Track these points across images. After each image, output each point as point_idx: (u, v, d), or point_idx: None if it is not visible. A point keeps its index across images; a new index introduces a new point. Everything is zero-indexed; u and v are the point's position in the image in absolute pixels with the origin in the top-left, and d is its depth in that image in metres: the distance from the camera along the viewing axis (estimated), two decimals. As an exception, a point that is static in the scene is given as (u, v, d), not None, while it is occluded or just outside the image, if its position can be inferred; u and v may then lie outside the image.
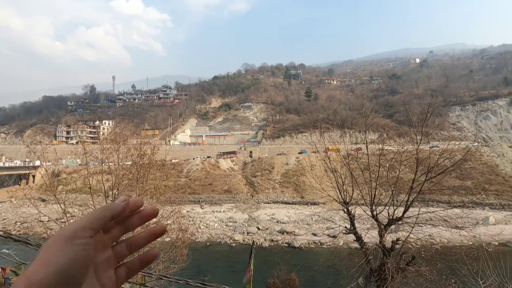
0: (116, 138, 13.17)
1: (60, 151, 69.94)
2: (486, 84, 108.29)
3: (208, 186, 60.71)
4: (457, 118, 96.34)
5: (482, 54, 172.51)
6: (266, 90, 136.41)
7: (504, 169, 56.61)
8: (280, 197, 57.80)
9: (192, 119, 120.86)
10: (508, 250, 32.23)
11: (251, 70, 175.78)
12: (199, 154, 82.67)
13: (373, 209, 10.68)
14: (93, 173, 14.10)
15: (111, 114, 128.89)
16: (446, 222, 10.84)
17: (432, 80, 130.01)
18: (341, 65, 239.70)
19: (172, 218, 13.63)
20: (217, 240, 40.10)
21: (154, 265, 11.43)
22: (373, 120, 79.03)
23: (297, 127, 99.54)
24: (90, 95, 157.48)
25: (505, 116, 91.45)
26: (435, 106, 73.16)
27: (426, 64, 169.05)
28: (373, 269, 10.06)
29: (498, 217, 44.51)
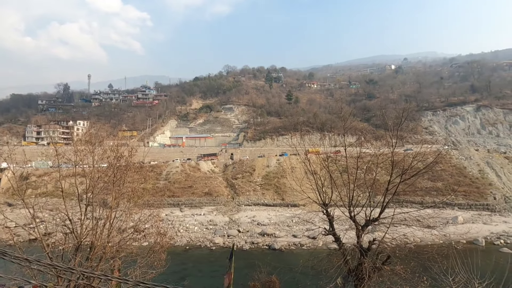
0: (91, 139, 12.64)
1: (29, 153, 66.45)
2: (455, 91, 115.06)
3: (188, 189, 59.72)
4: (429, 123, 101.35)
5: (451, 63, 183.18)
6: (247, 93, 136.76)
7: (471, 171, 60.09)
8: (261, 199, 57.93)
9: (172, 120, 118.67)
10: (475, 248, 34.13)
11: (233, 72, 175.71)
12: (179, 156, 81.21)
13: (351, 210, 10.96)
14: (66, 175, 13.44)
15: (86, 114, 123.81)
16: (419, 222, 11.32)
17: (406, 86, 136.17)
18: (321, 70, 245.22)
19: (150, 222, 13.25)
20: (197, 244, 39.47)
21: (131, 271, 11.06)
22: (351, 123, 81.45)
23: (278, 129, 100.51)
24: (64, 94, 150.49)
25: (472, 121, 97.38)
26: (409, 111, 76.68)
27: (401, 70, 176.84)
28: (351, 269, 10.31)
29: (466, 217, 47.10)
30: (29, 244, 11.82)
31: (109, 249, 10.83)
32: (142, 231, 12.69)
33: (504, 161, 63.97)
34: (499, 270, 9.97)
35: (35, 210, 10.43)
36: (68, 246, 10.57)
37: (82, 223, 10.96)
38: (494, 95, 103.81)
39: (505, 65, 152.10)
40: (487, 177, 57.94)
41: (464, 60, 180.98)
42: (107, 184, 12.10)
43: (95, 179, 11.77)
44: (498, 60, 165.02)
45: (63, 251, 10.25)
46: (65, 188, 12.06)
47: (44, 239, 10.01)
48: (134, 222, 12.67)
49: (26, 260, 3.95)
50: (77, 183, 11.68)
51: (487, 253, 32.61)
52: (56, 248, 10.40)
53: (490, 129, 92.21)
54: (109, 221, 11.30)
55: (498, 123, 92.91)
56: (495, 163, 62.60)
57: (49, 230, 12.07)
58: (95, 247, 10.34)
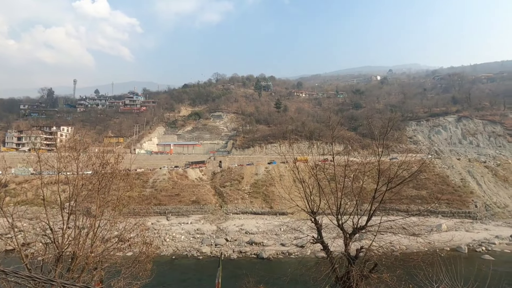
0: (75, 146, 12.31)
1: (9, 159, 64.00)
2: (437, 102, 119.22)
3: (175, 197, 58.75)
4: (413, 132, 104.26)
5: (433, 75, 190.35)
6: (236, 100, 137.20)
7: (453, 180, 61.89)
8: (249, 208, 57.57)
9: (160, 127, 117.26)
10: (458, 255, 34.95)
11: (222, 80, 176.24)
12: (167, 164, 80.00)
13: (339, 218, 11.03)
14: (48, 183, 13.00)
15: (70, 120, 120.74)
16: (405, 230, 11.50)
17: (391, 96, 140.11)
18: (310, 79, 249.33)
19: (135, 231, 12.90)
20: (184, 253, 38.66)
21: (115, 282, 10.69)
22: (339, 132, 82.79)
23: (267, 137, 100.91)
24: (47, 99, 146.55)
25: (454, 132, 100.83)
26: (394, 121, 78.71)
27: (386, 81, 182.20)
28: (338, 277, 10.31)
29: (449, 224, 48.26)
30: (6, 255, 11.27)
31: (92, 260, 10.45)
32: (127, 240, 12.34)
33: (484, 170, 66.29)
34: (482, 277, 10.22)
35: (14, 219, 10.00)
36: (49, 256, 10.14)
37: (64, 233, 10.56)
38: (474, 107, 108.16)
39: (483, 78, 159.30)
40: (468, 185, 59.79)
41: (445, 72, 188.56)
42: (91, 192, 11.76)
43: (78, 187, 11.42)
44: (477, 73, 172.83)
45: (42, 262, 9.82)
46: (47, 196, 11.63)
47: (22, 249, 9.57)
48: (119, 231, 12.31)
49: (3, 272, 3.77)
50: (60, 191, 11.30)
51: (470, 260, 33.43)
52: (36, 259, 9.97)
53: (470, 139, 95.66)
54: (93, 230, 10.94)
55: (478, 134, 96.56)
56: (476, 172, 64.78)
57: (28, 240, 11.58)
58: (77, 257, 9.96)
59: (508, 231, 45.48)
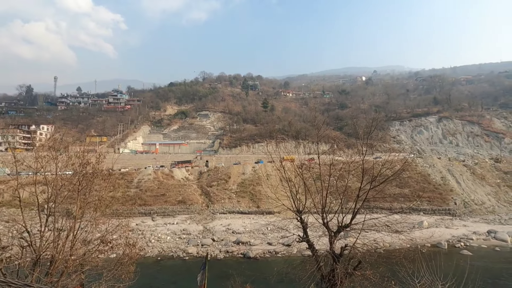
0: (55, 145, 11.87)
1: (-16, 159, 60.86)
2: (419, 103, 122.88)
3: (161, 197, 57.79)
4: (397, 132, 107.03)
5: (416, 76, 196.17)
6: (223, 99, 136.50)
7: (434, 178, 63.95)
8: (236, 207, 57.41)
9: (145, 126, 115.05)
10: (438, 251, 36.17)
11: (209, 79, 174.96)
12: (152, 163, 78.60)
13: (324, 217, 11.16)
14: (25, 184, 12.48)
15: (51, 118, 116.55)
16: (388, 227, 11.76)
17: (376, 97, 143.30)
18: (296, 79, 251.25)
19: (118, 232, 12.58)
20: (169, 254, 38.10)
21: (96, 285, 10.38)
22: (324, 132, 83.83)
23: (254, 137, 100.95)
24: (26, 96, 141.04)
25: (435, 131, 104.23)
26: (378, 121, 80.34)
27: (371, 82, 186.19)
28: (323, 275, 10.42)
29: (430, 221, 49.82)
30: (-21, 260, 10.73)
31: (72, 263, 10.10)
32: (110, 242, 12.02)
33: (463, 168, 68.87)
34: (460, 272, 10.59)
35: (-12, 222, 9.52)
36: (25, 260, 9.73)
37: (42, 235, 10.17)
38: (454, 108, 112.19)
39: (463, 80, 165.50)
40: (448, 183, 61.94)
41: (427, 74, 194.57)
42: (71, 192, 11.37)
43: (58, 188, 11.02)
44: (457, 75, 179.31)
45: (19, 266, 9.41)
46: (24, 197, 11.17)
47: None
48: (101, 233, 11.98)
49: (-27, 278, 3.55)
50: (38, 192, 10.87)
51: (449, 255, 34.63)
52: (12, 263, 9.54)
53: (450, 139, 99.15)
54: (73, 232, 10.59)
55: (457, 134, 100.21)
56: (455, 170, 67.21)
57: (3, 243, 11.05)
58: (56, 260, 9.60)
59: (485, 227, 47.46)
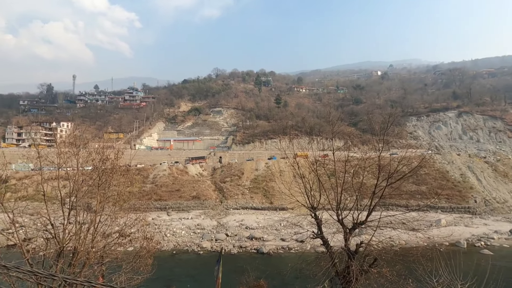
0: (75, 141, 12.30)
1: (9, 155, 64.02)
2: (438, 97, 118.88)
3: (176, 192, 58.90)
4: (414, 128, 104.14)
5: (434, 70, 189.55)
6: (236, 96, 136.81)
7: (453, 175, 61.97)
8: (249, 203, 57.76)
9: (160, 123, 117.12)
10: (457, 250, 35.15)
11: (222, 76, 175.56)
12: (167, 159, 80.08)
13: (339, 213, 11.08)
14: (48, 179, 13.01)
15: (70, 116, 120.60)
16: (405, 225, 11.56)
17: (392, 92, 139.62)
18: (310, 74, 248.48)
19: (136, 226, 12.95)
20: (184, 248, 38.88)
21: (116, 276, 10.76)
22: (339, 128, 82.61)
23: (267, 133, 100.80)
24: (47, 95, 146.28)
25: (454, 127, 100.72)
26: (395, 116, 78.63)
27: (387, 76, 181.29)
28: (338, 272, 10.38)
29: (448, 219, 48.44)
30: (8, 250, 11.36)
31: (93, 255, 10.51)
32: (128, 235, 12.41)
33: (484, 165, 66.35)
34: (481, 272, 10.29)
35: (15, 215, 10.02)
36: (50, 252, 10.18)
37: (64, 228, 10.60)
38: (475, 102, 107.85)
39: (485, 73, 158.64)
40: (468, 181, 59.90)
41: (446, 67, 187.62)
42: (91, 187, 11.78)
43: (79, 182, 11.43)
44: (478, 69, 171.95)
45: (44, 257, 9.86)
46: (47, 191, 11.65)
47: (23, 244, 9.60)
48: (120, 227, 12.36)
49: (4, 267, 3.78)
50: (60, 187, 11.32)
51: (469, 254, 33.62)
52: (37, 254, 10.01)
53: (471, 135, 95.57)
54: (93, 225, 10.99)
55: (478, 129, 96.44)
56: (476, 167, 64.85)
57: (29, 235, 11.62)
58: (78, 252, 10.01)
59: (507, 226, 45.69)
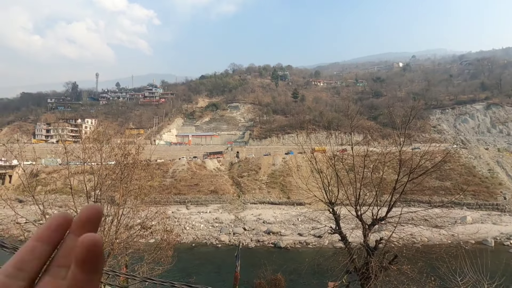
0: (99, 137, 12.80)
1: (39, 150, 67.30)
2: (464, 89, 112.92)
3: (194, 187, 60.10)
4: (438, 121, 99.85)
5: (461, 60, 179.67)
6: (253, 91, 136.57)
7: (480, 171, 59.05)
8: (267, 198, 57.95)
9: (178, 118, 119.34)
10: (484, 248, 33.61)
11: (239, 71, 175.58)
12: (185, 154, 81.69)
13: (358, 209, 10.88)
14: (75, 173, 13.65)
15: (94, 113, 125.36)
16: (427, 222, 11.18)
17: (414, 84, 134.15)
18: (328, 67, 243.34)
19: (157, 219, 13.38)
20: (203, 241, 39.74)
21: (138, 267, 11.20)
22: (358, 122, 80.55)
23: (284, 127, 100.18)
24: (72, 93, 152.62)
25: (482, 120, 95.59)
26: (417, 109, 75.60)
27: (409, 68, 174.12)
28: (357, 268, 10.24)
29: (475, 217, 46.37)
30: (39, 240, 12.01)
31: (117, 246, 10.98)
32: (149, 228, 12.84)
33: (515, 160, 62.71)
34: (510, 272, 9.80)
35: (45, 207, 10.62)
36: (77, 242, 10.72)
37: (90, 220, 11.10)
38: (505, 93, 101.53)
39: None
40: (497, 176, 56.88)
41: (474, 57, 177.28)
42: (114, 181, 12.25)
43: (103, 177, 11.93)
44: (510, 57, 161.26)
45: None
46: (74, 185, 12.24)
47: (53, 235, 10.17)
48: (141, 219, 12.81)
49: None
50: (86, 180, 11.85)
51: (497, 253, 32.06)
52: (65, 244, 10.56)
53: (500, 128, 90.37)
54: (117, 218, 11.45)
55: (509, 122, 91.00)
56: (506, 162, 61.40)
57: (58, 226, 12.25)
58: (103, 243, 10.47)
59: (539, 224, 43.12)
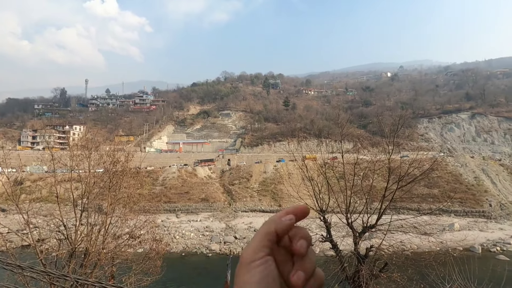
0: (87, 144, 12.58)
1: (24, 157, 65.72)
2: (450, 99, 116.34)
3: (185, 195, 59.33)
4: (425, 130, 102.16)
5: (446, 71, 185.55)
6: (245, 99, 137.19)
7: (467, 178, 60.43)
8: (258, 206, 57.66)
9: (169, 125, 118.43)
10: (472, 255, 34.12)
11: (230, 78, 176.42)
12: (176, 162, 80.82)
13: (348, 217, 10.94)
14: (61, 181, 13.31)
15: (82, 119, 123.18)
16: (416, 229, 11.32)
17: (402, 93, 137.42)
18: (318, 76, 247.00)
19: (146, 228, 13.11)
20: (193, 250, 39.06)
21: (126, 277, 10.89)
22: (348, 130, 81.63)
23: (275, 135, 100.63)
24: (60, 99, 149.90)
25: (467, 129, 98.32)
26: (405, 118, 77.38)
27: (397, 78, 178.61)
28: (348, 276, 10.23)
29: (462, 224, 47.21)
30: (22, 251, 11.64)
31: (104, 256, 10.68)
32: (138, 237, 12.56)
33: (499, 168, 64.48)
34: (497, 278, 9.97)
35: (29, 216, 10.28)
36: (62, 252, 10.40)
37: (76, 229, 10.82)
38: (489, 103, 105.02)
39: (499, 74, 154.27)
40: (482, 184, 58.28)
41: (458, 68, 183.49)
42: (102, 189, 12.00)
43: (90, 185, 11.67)
44: (492, 69, 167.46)
45: (57, 257, 10.08)
46: (60, 193, 11.92)
47: (37, 245, 9.85)
48: (130, 228, 12.54)
49: (19, 267, 3.88)
50: (73, 189, 11.57)
51: (484, 260, 32.58)
52: (50, 255, 10.23)
53: (485, 137, 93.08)
54: (104, 227, 11.18)
55: (493, 131, 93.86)
56: (491, 170, 63.06)
57: (42, 236, 11.89)
58: (90, 253, 10.20)
59: (524, 231, 44.18)
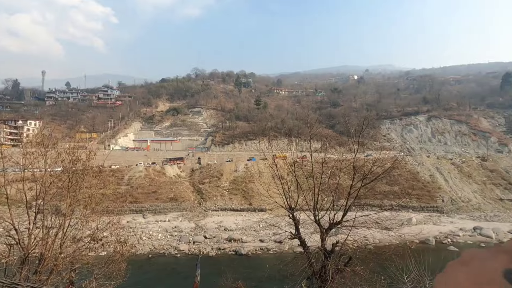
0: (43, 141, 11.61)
1: (-32, 155, 59.30)
2: (410, 102, 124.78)
3: (152, 194, 57.30)
4: (387, 131, 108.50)
5: (407, 76, 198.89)
6: (216, 96, 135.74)
7: (423, 176, 65.19)
8: (229, 204, 57.40)
9: (136, 122, 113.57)
10: (427, 247, 37.00)
11: (202, 76, 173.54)
12: (143, 160, 77.74)
13: (316, 214, 11.26)
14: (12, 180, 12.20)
15: (38, 114, 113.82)
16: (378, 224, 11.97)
17: (367, 96, 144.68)
18: (289, 76, 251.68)
19: (109, 230, 12.43)
20: (161, 252, 37.92)
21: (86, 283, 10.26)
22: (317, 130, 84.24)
23: (247, 134, 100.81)
24: (12, 91, 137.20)
25: (424, 130, 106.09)
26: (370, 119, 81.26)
27: (363, 81, 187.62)
28: (315, 271, 10.54)
29: (418, 218, 50.87)
30: (-35, 258, 10.46)
31: (62, 261, 9.95)
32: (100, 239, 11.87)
33: (451, 166, 70.38)
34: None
35: (-27, 220, 9.29)
36: (13, 258, 9.53)
37: (30, 233, 9.97)
38: (443, 107, 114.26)
39: (452, 80, 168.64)
40: (436, 181, 63.24)
41: (417, 73, 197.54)
42: (61, 189, 11.17)
43: (47, 185, 10.80)
44: (446, 75, 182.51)
45: (6, 264, 9.22)
46: (11, 194, 10.91)
47: (-17, 252, 8.93)
48: (91, 231, 11.81)
49: (-41, 277, 3.49)
50: (26, 189, 10.63)
51: (437, 251, 35.45)
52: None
53: (439, 138, 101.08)
54: (62, 229, 10.42)
55: (446, 132, 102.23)
56: (444, 168, 68.64)
57: (-11, 241, 10.80)
58: (45, 258, 9.45)
59: (471, 223, 48.74)
